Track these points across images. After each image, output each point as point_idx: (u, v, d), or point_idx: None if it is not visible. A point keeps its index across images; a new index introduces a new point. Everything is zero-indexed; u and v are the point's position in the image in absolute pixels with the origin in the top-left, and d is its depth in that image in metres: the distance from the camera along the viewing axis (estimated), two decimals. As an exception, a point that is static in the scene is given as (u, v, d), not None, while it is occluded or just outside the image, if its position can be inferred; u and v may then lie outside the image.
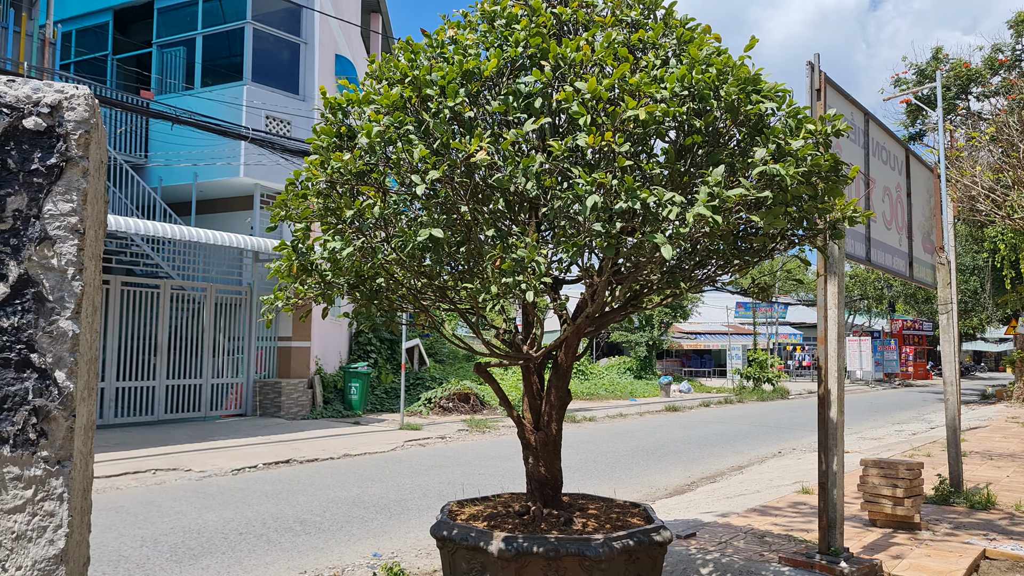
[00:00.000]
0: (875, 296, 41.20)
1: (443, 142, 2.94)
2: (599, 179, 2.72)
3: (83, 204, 1.51)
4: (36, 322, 1.45)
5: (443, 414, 16.64)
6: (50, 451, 1.45)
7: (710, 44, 3.50)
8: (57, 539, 1.44)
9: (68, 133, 1.50)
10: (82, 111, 1.52)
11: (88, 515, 1.66)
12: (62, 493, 1.45)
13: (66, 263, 1.49)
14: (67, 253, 1.49)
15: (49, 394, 1.45)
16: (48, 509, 1.45)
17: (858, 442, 13.61)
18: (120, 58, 17.74)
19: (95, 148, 1.58)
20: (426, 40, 3.39)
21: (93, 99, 1.56)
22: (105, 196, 1.71)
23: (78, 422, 1.51)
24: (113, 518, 7.00)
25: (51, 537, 1.44)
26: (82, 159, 1.51)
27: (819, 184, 3.37)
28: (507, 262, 2.84)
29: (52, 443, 1.45)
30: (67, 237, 1.49)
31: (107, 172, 14.95)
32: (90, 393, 1.62)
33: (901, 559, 4.92)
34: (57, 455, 1.46)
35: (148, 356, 14.24)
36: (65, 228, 1.49)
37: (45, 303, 1.46)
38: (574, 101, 2.89)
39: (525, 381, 4.18)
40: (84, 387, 1.56)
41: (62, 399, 1.46)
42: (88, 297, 1.55)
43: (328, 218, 3.26)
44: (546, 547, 3.57)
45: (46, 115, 1.49)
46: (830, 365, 4.66)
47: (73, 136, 1.50)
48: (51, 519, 1.44)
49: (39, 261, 1.46)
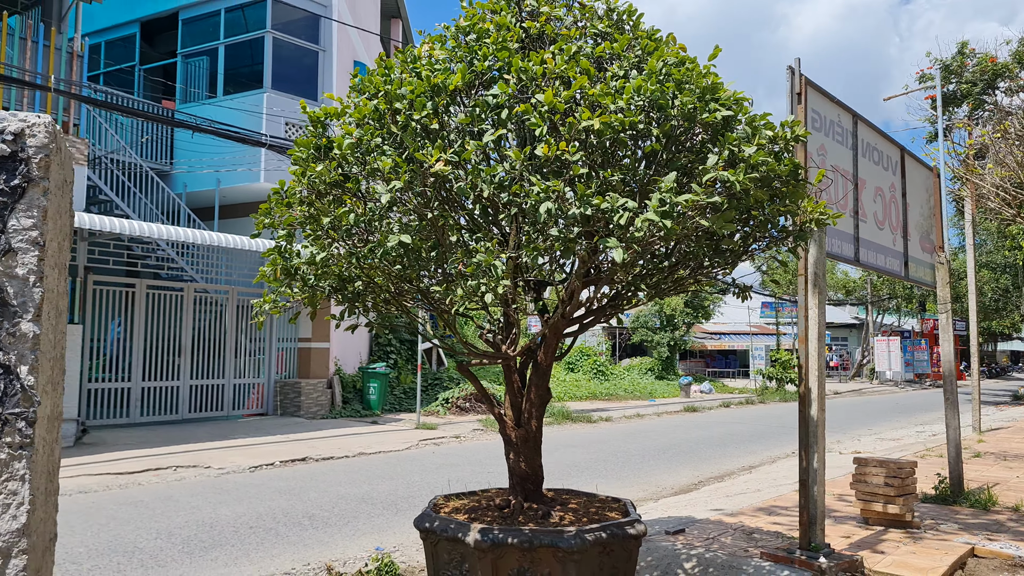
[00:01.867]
0: (904, 295, 40.59)
1: (410, 153, 3.12)
2: (552, 187, 2.88)
3: (44, 220, 1.71)
4: (0, 324, 1.65)
5: (460, 414, 16.85)
6: (12, 438, 1.65)
7: (677, 54, 3.64)
8: (20, 515, 1.64)
9: (30, 157, 1.70)
10: (43, 137, 1.72)
11: (54, 496, 1.86)
12: (24, 475, 1.65)
13: (28, 272, 1.69)
14: (28, 263, 1.69)
15: (12, 388, 1.65)
16: (11, 488, 1.65)
17: (876, 442, 13.56)
18: (146, 68, 18.24)
19: (56, 169, 1.78)
20: (399, 56, 3.58)
21: (54, 126, 1.76)
22: (70, 210, 1.91)
23: (40, 412, 1.70)
24: (132, 512, 7.29)
25: (14, 513, 1.64)
26: (43, 179, 1.71)
27: (781, 188, 3.49)
28: (470, 266, 3.01)
29: (14, 431, 1.65)
30: (29, 249, 1.69)
31: (135, 179, 15.41)
32: (54, 387, 1.82)
33: (885, 556, 5.00)
34: (19, 442, 1.66)
35: (173, 357, 14.66)
36: (27, 241, 1.69)
37: (8, 307, 1.66)
38: (533, 113, 3.06)
39: (507, 380, 4.34)
40: (47, 381, 1.76)
41: (24, 393, 1.66)
42: (50, 301, 1.75)
43: (309, 225, 3.46)
44: (521, 539, 3.72)
45: (10, 141, 1.69)
46: (810, 364, 4.76)
47: (35, 160, 1.70)
48: (14, 497, 1.64)
49: (3, 270, 1.66)
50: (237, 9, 16.61)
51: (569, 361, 28.23)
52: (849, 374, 43.27)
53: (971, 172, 10.22)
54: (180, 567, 5.59)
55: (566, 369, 27.63)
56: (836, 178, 5.23)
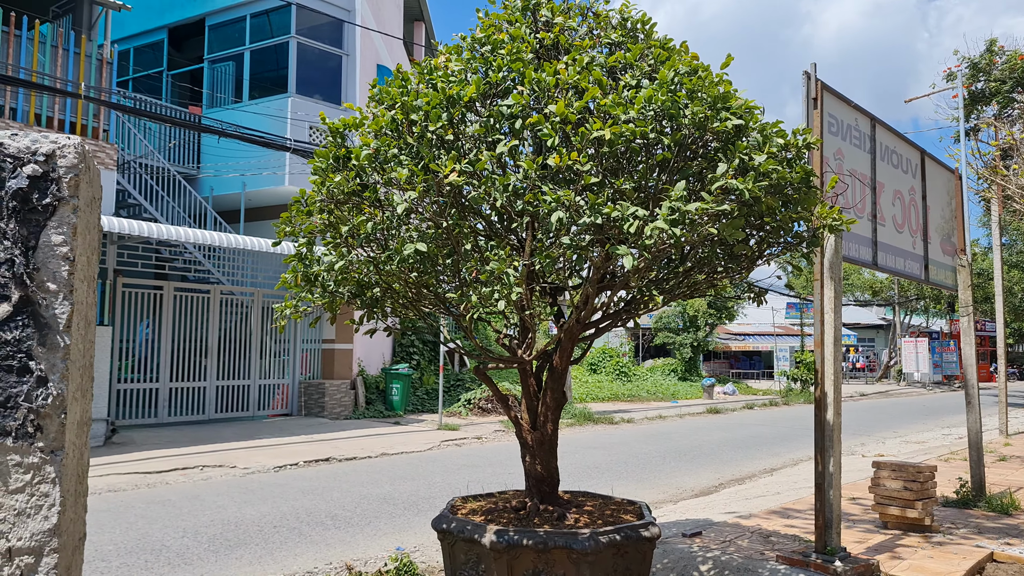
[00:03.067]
0: (932, 296, 40.02)
1: (426, 163, 3.20)
2: (564, 196, 2.95)
3: (73, 236, 1.80)
4: (33, 335, 1.75)
5: (482, 414, 16.95)
6: (45, 443, 1.75)
7: (689, 63, 3.68)
8: (51, 515, 1.74)
9: (60, 177, 1.80)
10: (72, 158, 1.82)
11: (84, 497, 1.96)
12: (55, 478, 1.75)
13: (59, 286, 1.78)
14: (59, 277, 1.78)
15: (45, 395, 1.75)
16: (43, 491, 1.74)
17: (900, 445, 13.42)
18: (174, 74, 18.57)
19: (85, 187, 1.87)
20: (416, 67, 3.66)
21: (83, 146, 1.85)
22: (99, 225, 2.01)
23: (70, 418, 1.80)
24: (160, 511, 7.46)
25: (46, 514, 1.74)
26: (72, 198, 1.81)
27: (793, 195, 3.52)
28: (484, 273, 3.09)
29: (47, 436, 1.75)
30: (59, 264, 1.79)
31: (163, 183, 15.70)
32: (83, 394, 1.92)
33: (902, 560, 4.99)
34: (51, 446, 1.75)
35: (199, 358, 14.92)
36: (58, 256, 1.79)
37: (40, 319, 1.76)
38: (545, 124, 3.12)
39: (523, 383, 4.41)
40: (76, 389, 1.86)
41: (55, 399, 1.76)
42: (79, 313, 1.85)
43: (328, 232, 3.55)
44: (535, 540, 3.79)
45: (42, 163, 1.79)
46: (826, 369, 4.77)
47: (65, 179, 1.80)
48: (46, 499, 1.74)
49: (36, 285, 1.76)
50: (262, 15, 16.86)
51: (592, 362, 28.24)
52: (876, 375, 42.76)
53: (996, 173, 10.10)
54: (206, 565, 5.73)
55: (589, 370, 27.64)
56: (853, 182, 5.23)
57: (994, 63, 23.38)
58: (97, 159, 12.35)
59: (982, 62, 23.62)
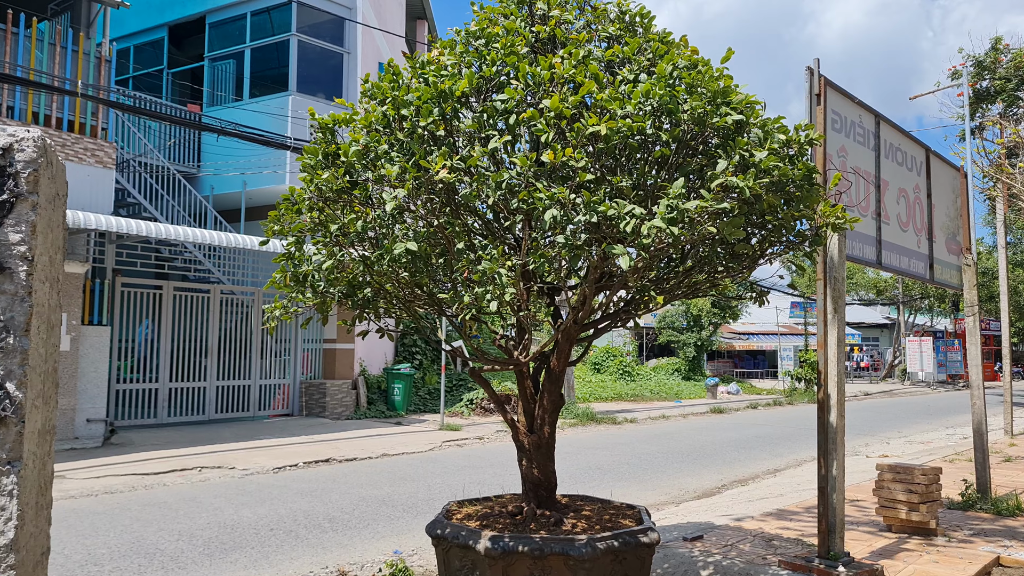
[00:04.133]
0: (937, 295, 39.81)
1: (416, 160, 3.10)
2: (558, 193, 2.84)
3: (32, 234, 1.71)
4: (-11, 339, 1.66)
5: (484, 415, 16.85)
6: (1, 453, 1.65)
7: (689, 57, 3.57)
8: (7, 530, 1.65)
9: (18, 172, 1.70)
10: (31, 152, 1.72)
11: (47, 509, 1.86)
12: (12, 490, 1.65)
13: (16, 287, 1.69)
14: (17, 278, 1.69)
15: (0, 403, 1.66)
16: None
17: (905, 445, 13.30)
18: (174, 72, 18.49)
19: (46, 183, 1.78)
20: (409, 61, 3.56)
21: (44, 140, 1.76)
22: (63, 224, 1.92)
23: (29, 427, 1.71)
24: (155, 513, 7.38)
25: (2, 528, 1.65)
26: (31, 194, 1.71)
27: (795, 193, 3.42)
28: (476, 273, 2.99)
29: (3, 446, 1.66)
30: (17, 264, 1.69)
31: (163, 182, 15.62)
32: (45, 401, 1.82)
33: (907, 564, 4.88)
34: (8, 456, 1.66)
35: (200, 358, 14.84)
36: (15, 256, 1.69)
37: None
38: (539, 119, 3.02)
39: (519, 386, 4.31)
40: (37, 396, 1.76)
41: (13, 407, 1.67)
42: (40, 316, 1.76)
43: (318, 231, 3.46)
44: (531, 546, 3.69)
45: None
46: (830, 370, 4.66)
47: (23, 175, 1.70)
48: (2, 513, 1.65)
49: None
50: (263, 12, 16.77)
51: (595, 361, 28.12)
52: (880, 375, 42.55)
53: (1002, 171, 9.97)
54: (200, 569, 5.64)
55: (592, 370, 27.52)
56: (856, 180, 5.12)
57: (999, 61, 23.20)
58: (95, 157, 12.28)
59: (987, 60, 23.45)
